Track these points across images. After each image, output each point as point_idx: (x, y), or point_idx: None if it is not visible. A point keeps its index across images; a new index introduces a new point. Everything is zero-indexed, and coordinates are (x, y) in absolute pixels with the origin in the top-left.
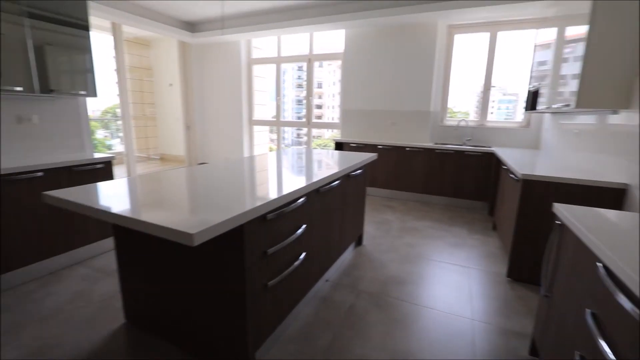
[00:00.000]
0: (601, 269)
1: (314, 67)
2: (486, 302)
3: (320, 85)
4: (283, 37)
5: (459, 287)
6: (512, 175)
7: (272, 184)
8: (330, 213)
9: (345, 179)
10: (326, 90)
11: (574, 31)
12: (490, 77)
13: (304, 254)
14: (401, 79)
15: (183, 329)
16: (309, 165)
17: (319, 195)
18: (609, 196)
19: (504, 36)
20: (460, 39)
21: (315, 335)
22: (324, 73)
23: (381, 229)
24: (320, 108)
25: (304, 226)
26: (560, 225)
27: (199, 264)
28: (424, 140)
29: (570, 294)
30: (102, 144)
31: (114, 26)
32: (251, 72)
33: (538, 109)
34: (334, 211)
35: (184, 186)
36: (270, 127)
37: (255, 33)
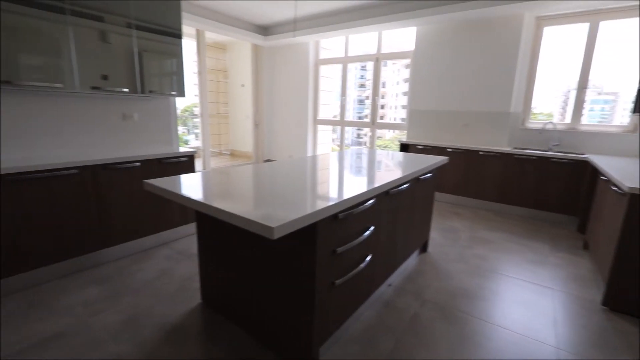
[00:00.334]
0: None
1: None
2: (574, 330)
3: (384, 85)
4: (350, 37)
5: (540, 310)
6: (615, 188)
7: (341, 183)
8: (397, 216)
9: (415, 182)
10: (389, 90)
11: None
12: (587, 74)
13: (370, 256)
14: (477, 78)
15: (252, 315)
16: (376, 167)
17: (388, 198)
18: None
19: (606, 27)
20: (550, 32)
21: (377, 339)
22: (387, 72)
23: (448, 237)
24: (383, 108)
25: (372, 228)
26: None
27: (272, 257)
28: (501, 143)
29: None
30: (180, 139)
31: (197, 32)
32: (318, 73)
33: None
34: (401, 215)
35: (258, 181)
36: (333, 126)
37: (324, 34)
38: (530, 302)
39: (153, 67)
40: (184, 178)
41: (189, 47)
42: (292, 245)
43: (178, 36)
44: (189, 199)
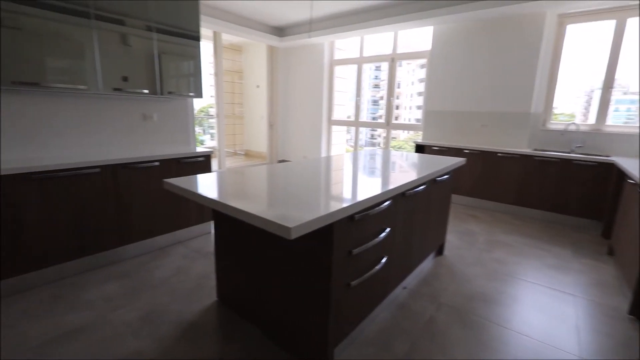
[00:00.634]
0: None
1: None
2: (599, 339)
3: (399, 85)
4: (365, 38)
5: (561, 317)
6: None
7: (357, 184)
8: (413, 218)
9: (432, 183)
10: (404, 90)
11: None
12: (613, 73)
13: (385, 258)
14: (496, 78)
15: (267, 315)
16: (392, 168)
17: (404, 199)
18: None
19: (634, 24)
20: (573, 30)
21: (393, 342)
22: (402, 73)
23: (464, 240)
24: (398, 109)
25: (388, 230)
26: None
27: (288, 257)
28: (520, 145)
29: None
30: (196, 139)
31: (214, 35)
32: (333, 73)
33: None
34: (417, 217)
35: (274, 182)
36: (346, 127)
37: (340, 34)
38: (551, 309)
39: (172, 69)
40: (202, 178)
41: (205, 48)
42: (309, 246)
43: (196, 38)
44: (208, 199)
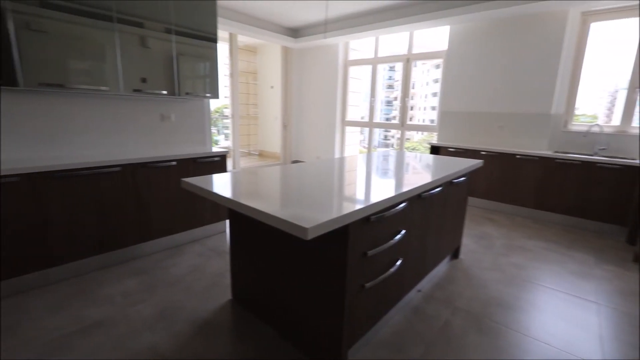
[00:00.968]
0: None
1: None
2: (624, 349)
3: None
4: (380, 38)
5: (583, 325)
6: None
7: (373, 186)
8: (429, 220)
9: (448, 185)
10: (418, 91)
11: None
12: None
13: (400, 260)
14: (515, 78)
15: (281, 314)
16: (408, 169)
17: (420, 201)
18: None
19: None
20: (597, 28)
21: (407, 345)
22: (416, 73)
23: (481, 243)
24: (412, 109)
25: (403, 232)
26: None
27: (303, 257)
28: (540, 147)
29: None
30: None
31: (230, 36)
32: (347, 74)
33: None
34: (433, 219)
35: (289, 182)
36: (360, 128)
37: (355, 35)
38: (573, 317)
39: (189, 70)
40: (219, 177)
41: (221, 50)
42: (324, 246)
43: (213, 40)
44: (226, 199)
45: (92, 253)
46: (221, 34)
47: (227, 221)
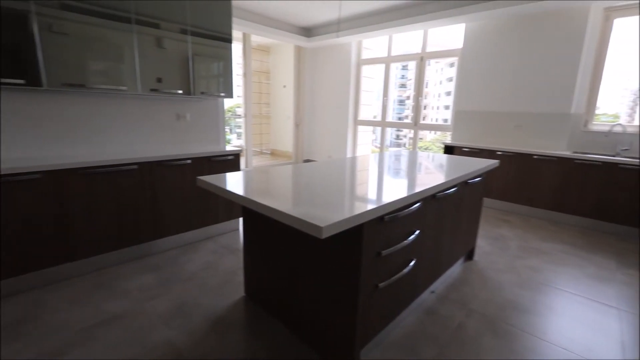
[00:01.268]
0: None
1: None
2: None
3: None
4: (393, 36)
5: (605, 331)
6: None
7: (387, 185)
8: (443, 221)
9: (463, 186)
10: (430, 90)
11: None
12: None
13: (414, 261)
14: (533, 76)
15: (294, 312)
16: (422, 169)
17: (434, 201)
18: None
19: None
20: (621, 24)
21: (420, 347)
22: (429, 72)
23: (496, 245)
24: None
25: (417, 232)
26: None
27: (316, 256)
28: (559, 147)
29: None
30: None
31: (244, 36)
32: (360, 73)
33: None
34: (447, 220)
35: (302, 181)
36: (372, 127)
37: (368, 34)
38: (593, 322)
39: (204, 70)
40: (233, 176)
41: (234, 50)
42: (338, 245)
43: (228, 40)
44: (241, 197)
45: (110, 248)
46: (235, 34)
47: (240, 219)
